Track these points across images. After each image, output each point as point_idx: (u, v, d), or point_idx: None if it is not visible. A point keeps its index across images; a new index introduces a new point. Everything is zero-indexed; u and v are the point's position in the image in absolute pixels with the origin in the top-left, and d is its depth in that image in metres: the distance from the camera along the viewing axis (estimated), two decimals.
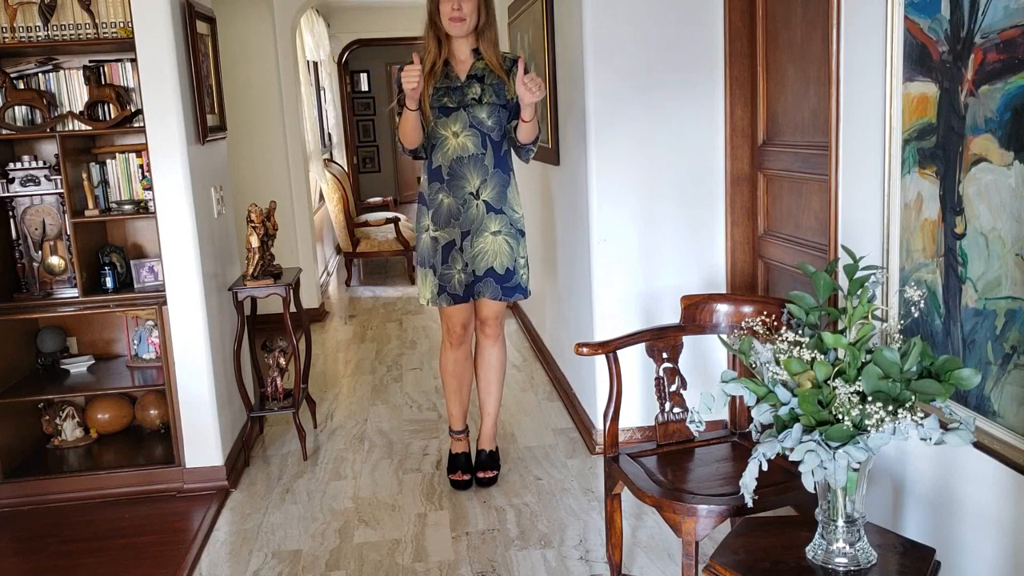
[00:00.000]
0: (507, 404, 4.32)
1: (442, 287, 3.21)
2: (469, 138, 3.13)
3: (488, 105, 3.13)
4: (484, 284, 3.22)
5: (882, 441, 1.56)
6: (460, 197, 3.16)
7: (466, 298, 3.25)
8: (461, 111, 3.12)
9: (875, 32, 2.12)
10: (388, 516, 3.20)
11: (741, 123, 3.33)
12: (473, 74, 3.16)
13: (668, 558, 2.80)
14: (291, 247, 6.05)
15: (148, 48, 3.22)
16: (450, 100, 3.13)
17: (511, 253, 3.22)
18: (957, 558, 1.93)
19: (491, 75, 3.15)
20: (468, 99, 3.13)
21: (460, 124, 3.13)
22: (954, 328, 1.87)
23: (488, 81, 3.15)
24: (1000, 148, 1.69)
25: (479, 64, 3.16)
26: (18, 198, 3.49)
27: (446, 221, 3.18)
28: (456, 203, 3.16)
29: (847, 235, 2.35)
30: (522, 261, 3.27)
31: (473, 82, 3.15)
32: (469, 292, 3.24)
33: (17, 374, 3.60)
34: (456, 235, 3.18)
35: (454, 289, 3.21)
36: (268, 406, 3.90)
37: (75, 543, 3.12)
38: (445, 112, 3.13)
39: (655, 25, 3.34)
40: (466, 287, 3.22)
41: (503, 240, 3.20)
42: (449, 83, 3.15)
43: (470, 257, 3.19)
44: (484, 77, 3.15)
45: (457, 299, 3.23)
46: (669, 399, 2.49)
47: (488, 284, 3.22)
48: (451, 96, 3.13)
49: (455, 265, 3.19)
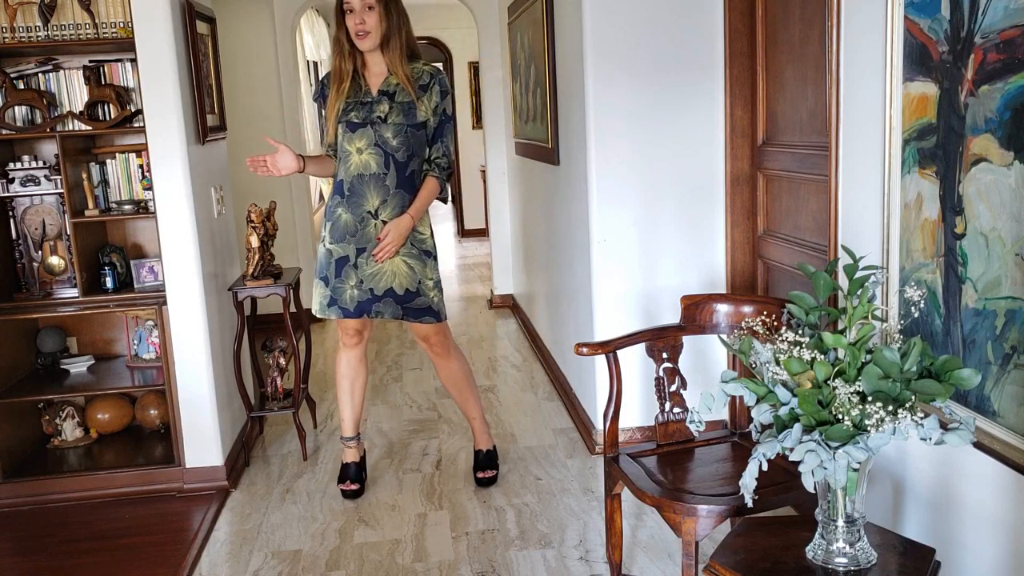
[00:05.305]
0: (507, 404, 4.32)
1: (333, 299, 3.15)
2: (372, 156, 3.07)
3: (394, 125, 3.06)
4: (384, 304, 3.13)
5: (882, 441, 1.56)
6: (358, 215, 3.10)
7: (358, 314, 3.15)
8: (367, 128, 3.07)
9: (875, 32, 2.12)
10: (388, 516, 3.20)
11: (741, 123, 3.33)
12: (384, 90, 3.10)
13: (668, 558, 2.80)
14: (291, 247, 6.05)
15: (148, 48, 3.23)
16: (356, 115, 3.08)
17: (412, 275, 3.13)
18: (957, 558, 1.93)
19: (403, 92, 3.09)
20: (374, 116, 3.07)
21: (365, 141, 3.07)
22: (954, 328, 1.87)
23: (399, 99, 3.09)
24: (1000, 148, 1.69)
25: (392, 79, 3.10)
26: (18, 198, 3.50)
27: (341, 236, 3.12)
28: (354, 220, 3.10)
29: (847, 235, 2.35)
30: (430, 283, 3.17)
31: (383, 98, 3.09)
32: (363, 309, 3.14)
33: (17, 374, 3.61)
34: (351, 251, 3.11)
35: (345, 304, 3.14)
36: (268, 406, 3.90)
37: (75, 543, 3.12)
38: (351, 127, 3.08)
39: (655, 25, 3.35)
40: (359, 303, 3.13)
41: (401, 261, 3.12)
42: (359, 97, 3.10)
43: (367, 275, 3.11)
44: (395, 94, 3.09)
45: (348, 314, 3.15)
46: (669, 399, 2.49)
47: (388, 304, 3.14)
48: (358, 111, 3.08)
49: (348, 280, 3.12)
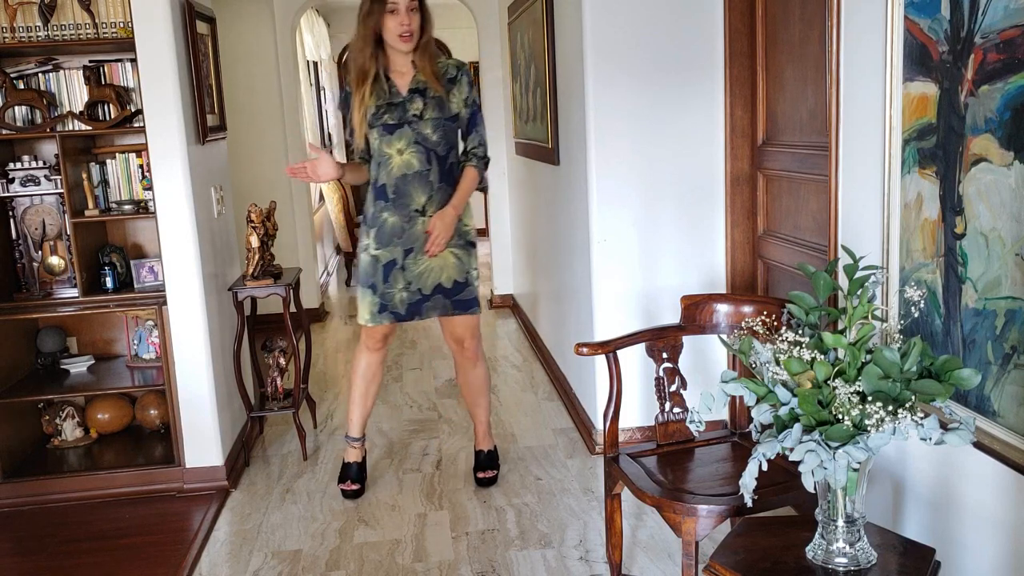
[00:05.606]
0: (507, 404, 4.32)
1: (383, 305, 3.14)
2: (414, 155, 3.07)
3: (432, 120, 3.07)
4: (432, 302, 3.16)
5: (882, 441, 1.56)
6: (405, 215, 3.10)
7: (409, 317, 3.17)
8: (405, 127, 3.07)
9: (875, 32, 2.12)
10: (388, 516, 3.20)
11: (741, 123, 3.33)
12: (415, 88, 3.10)
13: (668, 558, 2.80)
14: (291, 247, 6.05)
15: (148, 48, 3.22)
16: (391, 116, 3.07)
17: (460, 265, 3.16)
18: (957, 558, 1.93)
19: (432, 88, 3.09)
20: (410, 115, 3.07)
21: (404, 141, 3.07)
22: (954, 328, 1.87)
23: (430, 94, 3.09)
24: (1000, 148, 1.69)
25: (420, 77, 3.10)
26: (18, 198, 3.50)
27: (388, 240, 3.12)
28: (401, 221, 3.10)
29: (847, 235, 2.35)
30: (475, 273, 3.20)
31: (415, 96, 3.09)
32: (413, 311, 3.16)
33: (17, 374, 3.61)
34: (398, 253, 3.12)
35: (395, 308, 3.14)
36: (268, 406, 3.90)
37: (75, 543, 3.12)
38: (388, 129, 3.07)
39: (655, 25, 3.34)
40: (409, 306, 3.15)
41: (449, 253, 3.14)
42: (390, 98, 3.09)
43: (414, 275, 3.12)
44: (426, 91, 3.09)
45: (400, 318, 3.17)
46: (669, 399, 2.49)
47: (437, 302, 3.16)
48: (392, 112, 3.07)
49: (396, 284, 3.13)
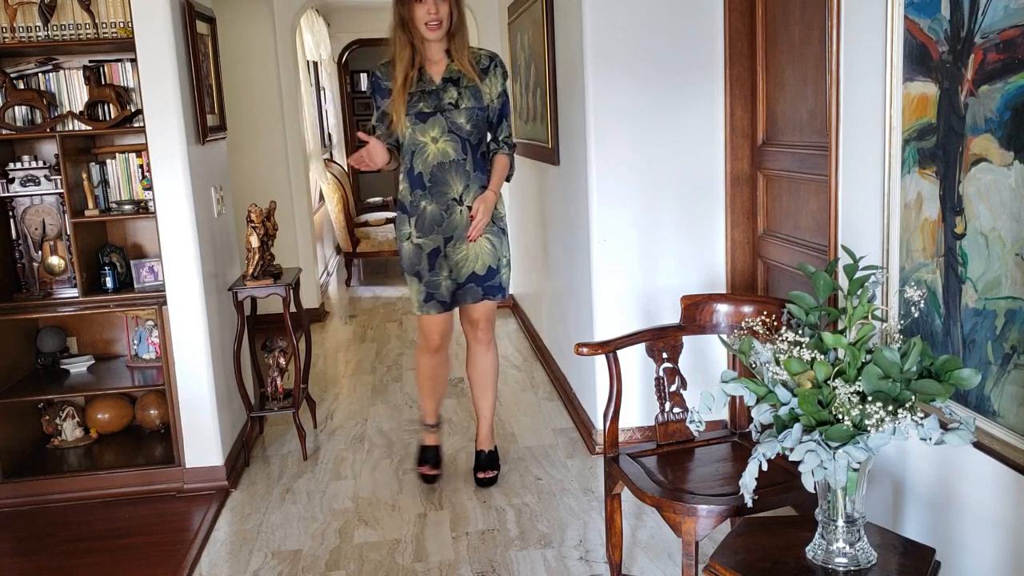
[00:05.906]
0: (507, 404, 4.32)
1: (430, 294, 3.19)
2: (449, 143, 3.10)
3: (466, 110, 3.10)
4: (466, 290, 3.22)
5: (882, 441, 1.56)
6: (443, 203, 3.13)
7: (454, 304, 3.24)
8: (439, 116, 3.09)
9: (875, 32, 2.12)
10: (388, 516, 3.20)
11: (741, 123, 3.33)
12: (448, 77, 3.12)
13: (668, 558, 2.80)
14: (291, 247, 6.05)
15: (148, 48, 3.22)
16: (426, 105, 3.08)
17: (494, 252, 3.21)
18: (957, 558, 1.93)
19: (466, 77, 3.12)
20: (445, 104, 3.09)
21: (439, 129, 3.09)
22: (954, 328, 1.87)
23: (464, 84, 3.11)
24: (1000, 148, 1.69)
25: (453, 66, 3.13)
26: (18, 198, 3.49)
27: (430, 228, 3.15)
28: (439, 209, 3.13)
29: (847, 235, 2.35)
30: (505, 260, 3.25)
31: (449, 86, 3.11)
32: (457, 299, 3.23)
33: (17, 374, 3.60)
34: (440, 241, 3.16)
35: (442, 296, 3.19)
36: (268, 406, 3.90)
37: (75, 543, 3.12)
38: (422, 118, 3.09)
39: (655, 25, 3.34)
40: (453, 293, 3.21)
41: (485, 240, 3.19)
42: (424, 87, 3.10)
43: (454, 263, 3.18)
44: (460, 80, 3.12)
45: (446, 306, 3.22)
46: (669, 399, 2.49)
47: (470, 290, 3.22)
48: (427, 101, 3.09)
49: (441, 272, 3.18)
